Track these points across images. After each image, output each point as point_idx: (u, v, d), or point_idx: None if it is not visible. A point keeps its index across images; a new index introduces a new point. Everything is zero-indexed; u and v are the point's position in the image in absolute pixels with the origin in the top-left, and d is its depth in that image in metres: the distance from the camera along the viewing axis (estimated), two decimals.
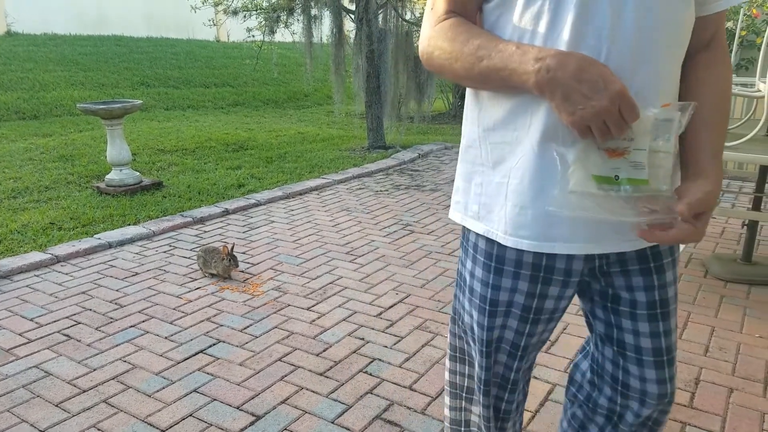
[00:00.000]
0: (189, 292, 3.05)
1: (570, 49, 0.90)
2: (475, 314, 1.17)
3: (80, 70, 10.20)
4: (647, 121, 0.88)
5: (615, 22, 0.89)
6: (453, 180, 5.37)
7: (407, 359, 2.40)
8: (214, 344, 2.52)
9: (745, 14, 5.62)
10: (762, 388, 2.18)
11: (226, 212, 4.37)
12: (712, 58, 1.03)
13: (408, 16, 6.71)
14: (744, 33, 5.89)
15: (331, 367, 2.34)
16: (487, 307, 1.13)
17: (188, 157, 6.02)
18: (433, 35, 1.03)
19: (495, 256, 1.09)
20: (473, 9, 1.04)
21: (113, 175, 4.72)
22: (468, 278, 1.18)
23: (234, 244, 3.19)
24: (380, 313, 2.80)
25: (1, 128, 7.40)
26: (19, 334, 2.61)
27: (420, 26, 6.72)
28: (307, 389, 2.19)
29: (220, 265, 3.14)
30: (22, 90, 8.90)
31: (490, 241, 1.09)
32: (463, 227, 1.18)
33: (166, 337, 2.58)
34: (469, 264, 1.17)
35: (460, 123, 9.76)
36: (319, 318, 2.75)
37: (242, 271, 3.29)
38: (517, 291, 1.10)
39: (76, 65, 10.34)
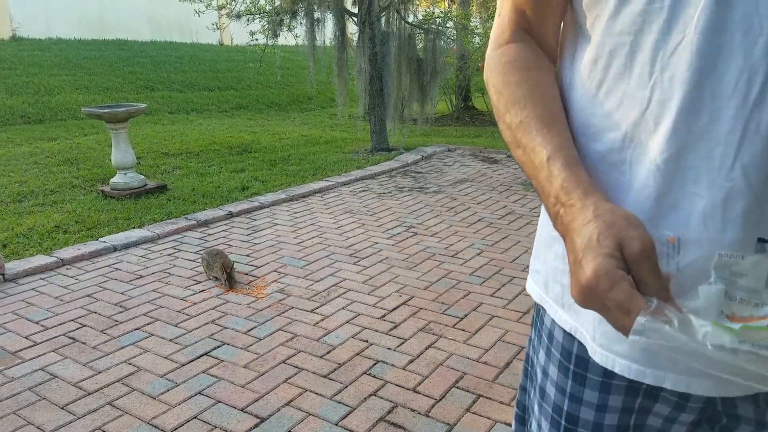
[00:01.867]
0: (193, 294, 3.06)
1: (703, 52, 0.59)
2: (545, 426, 0.84)
3: (85, 74, 10.25)
4: None
5: None
6: (456, 181, 5.37)
7: (411, 361, 2.40)
8: (218, 346, 2.53)
9: None
10: None
11: (230, 215, 4.39)
12: None
13: (411, 19, 6.73)
14: None
15: (334, 369, 2.35)
16: (563, 422, 0.79)
17: (192, 161, 6.04)
18: (490, 64, 0.78)
19: (575, 356, 0.76)
20: (552, 23, 0.76)
21: (118, 179, 4.74)
22: (540, 375, 0.84)
23: (234, 263, 3.18)
24: (384, 315, 2.80)
25: (7, 132, 7.44)
26: (25, 337, 2.62)
27: (422, 29, 6.75)
28: (311, 391, 2.20)
29: (220, 276, 3.14)
30: (27, 94, 8.95)
31: (569, 335, 0.77)
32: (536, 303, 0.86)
33: (170, 340, 2.59)
34: (542, 355, 0.83)
35: (463, 125, 9.76)
36: (322, 320, 2.76)
37: (246, 274, 3.30)
38: (607, 409, 0.75)
39: (80, 69, 10.39)
